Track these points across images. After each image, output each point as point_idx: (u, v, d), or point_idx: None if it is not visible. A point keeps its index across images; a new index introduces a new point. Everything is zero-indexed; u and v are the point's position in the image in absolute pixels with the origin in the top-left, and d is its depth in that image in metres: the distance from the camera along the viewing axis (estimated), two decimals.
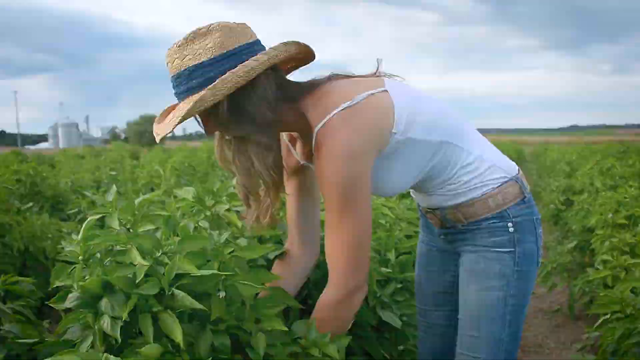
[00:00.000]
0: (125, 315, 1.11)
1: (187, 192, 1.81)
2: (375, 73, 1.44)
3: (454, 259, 1.57)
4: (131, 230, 1.53)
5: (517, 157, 19.21)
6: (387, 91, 1.34)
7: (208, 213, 1.74)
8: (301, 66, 1.42)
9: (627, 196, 3.57)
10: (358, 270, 1.33)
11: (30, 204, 4.24)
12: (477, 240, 1.45)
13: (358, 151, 1.28)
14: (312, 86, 1.36)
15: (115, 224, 1.53)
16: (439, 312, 1.67)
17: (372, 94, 1.32)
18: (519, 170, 1.49)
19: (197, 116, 1.30)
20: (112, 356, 1.05)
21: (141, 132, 77.08)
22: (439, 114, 1.42)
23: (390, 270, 2.09)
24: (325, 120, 1.28)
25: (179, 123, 1.24)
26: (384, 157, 1.36)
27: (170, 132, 1.28)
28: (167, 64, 1.29)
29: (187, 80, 1.24)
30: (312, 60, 1.40)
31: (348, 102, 1.28)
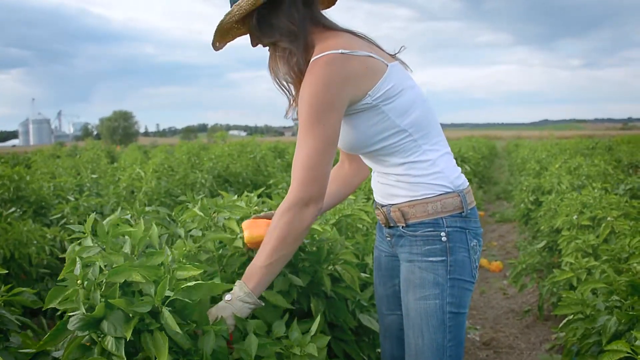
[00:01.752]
0: (128, 335, 1.20)
1: (195, 206, 1.97)
2: (393, 53, 1.63)
3: (399, 265, 1.69)
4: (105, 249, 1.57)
5: (490, 153, 19.51)
6: (387, 65, 1.53)
7: (211, 222, 1.89)
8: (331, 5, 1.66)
9: (591, 197, 3.75)
10: (312, 184, 1.45)
11: (14, 209, 4.28)
12: (413, 249, 1.58)
13: (334, 86, 1.44)
14: (330, 26, 1.57)
15: (89, 243, 1.61)
16: (393, 315, 1.79)
17: (372, 56, 1.51)
18: (468, 186, 1.62)
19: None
20: None
21: (114, 128, 76.12)
22: (419, 109, 1.56)
23: (369, 275, 2.23)
24: (322, 54, 1.46)
25: (227, 21, 1.53)
26: (352, 112, 1.53)
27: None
28: None
29: None
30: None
31: (347, 50, 1.46)
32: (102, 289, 1.30)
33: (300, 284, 1.82)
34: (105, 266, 1.38)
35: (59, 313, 1.45)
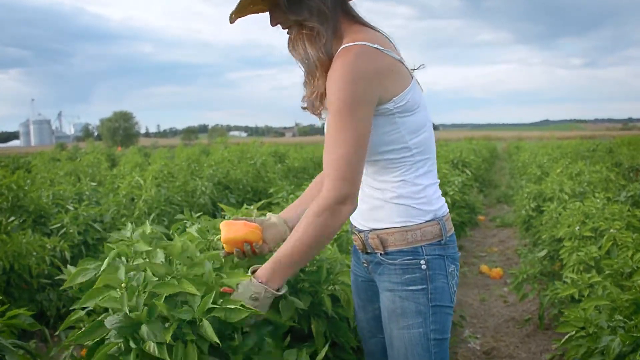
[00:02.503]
0: (168, 339, 1.27)
1: (192, 228, 1.95)
2: (412, 68, 1.60)
3: (377, 292, 1.66)
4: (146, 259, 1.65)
5: (490, 155, 19.51)
6: (412, 77, 1.52)
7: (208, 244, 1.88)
8: None
9: (593, 208, 3.74)
10: (348, 182, 1.40)
11: (13, 218, 4.27)
12: (392, 277, 1.55)
13: (366, 79, 1.40)
14: (360, 21, 1.54)
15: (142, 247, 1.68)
16: (375, 339, 1.77)
17: (402, 62, 1.50)
18: (447, 213, 1.60)
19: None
20: None
21: (114, 129, 76.20)
22: (427, 132, 1.55)
23: None
24: (355, 43, 1.42)
25: None
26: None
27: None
28: None
29: None
30: None
31: (380, 47, 1.43)
32: (146, 296, 1.37)
33: (302, 306, 1.80)
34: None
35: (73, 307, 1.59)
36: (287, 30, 1.53)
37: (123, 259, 1.86)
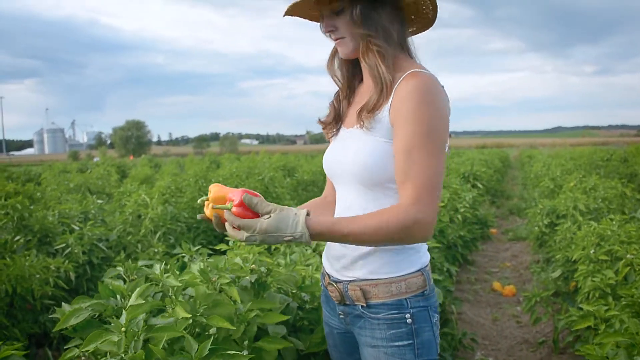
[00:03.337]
0: None
1: (194, 267, 1.87)
2: None
3: (356, 343, 1.56)
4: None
5: (503, 164, 19.35)
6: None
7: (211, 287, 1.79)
8: (419, 32, 1.58)
9: (609, 229, 3.62)
10: (433, 207, 1.31)
11: (18, 237, 4.23)
12: (376, 333, 1.46)
13: (447, 108, 1.38)
14: (415, 59, 1.50)
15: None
16: None
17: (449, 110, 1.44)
18: (428, 260, 1.53)
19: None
20: None
21: (127, 137, 76.89)
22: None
23: None
24: (424, 71, 1.39)
25: None
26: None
27: None
28: None
29: None
30: (430, 26, 1.55)
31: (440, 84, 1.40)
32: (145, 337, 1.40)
33: (302, 347, 1.73)
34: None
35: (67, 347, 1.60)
36: (336, 39, 1.49)
37: (118, 297, 1.81)
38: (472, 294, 5.34)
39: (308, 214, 1.31)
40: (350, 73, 1.61)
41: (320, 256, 2.90)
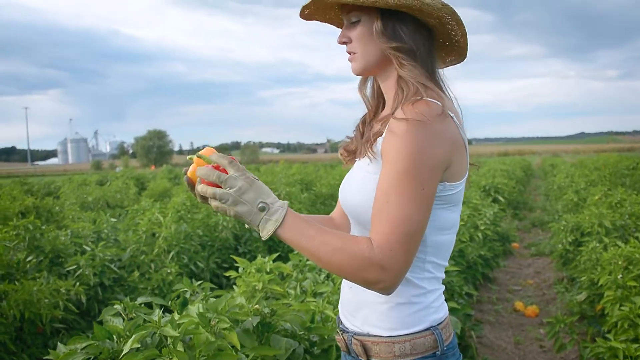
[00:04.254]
0: None
1: (191, 311, 1.76)
2: None
3: None
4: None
5: (525, 174, 19.06)
6: (467, 168, 1.31)
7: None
8: (455, 62, 1.45)
9: (637, 252, 3.45)
10: (402, 254, 1.15)
11: (30, 258, 4.19)
12: None
13: (444, 143, 1.20)
14: (443, 88, 1.34)
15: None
16: None
17: (466, 149, 1.29)
18: (446, 317, 1.35)
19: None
20: None
21: (149, 147, 77.65)
22: (452, 235, 1.33)
23: None
24: (432, 100, 1.23)
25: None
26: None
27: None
28: None
29: None
30: (464, 56, 1.43)
31: (457, 122, 1.26)
32: None
33: None
34: None
35: None
36: (348, 52, 1.37)
37: (115, 337, 1.73)
38: (493, 315, 5.17)
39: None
40: (381, 95, 1.46)
41: (334, 282, 2.79)
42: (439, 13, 1.26)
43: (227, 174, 1.19)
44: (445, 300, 1.39)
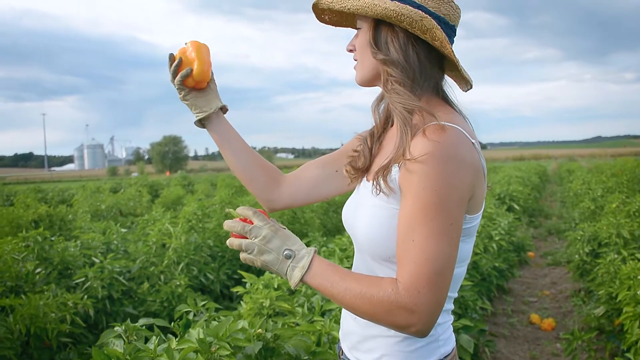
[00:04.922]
0: None
1: (192, 335, 1.70)
2: None
3: None
4: None
5: (540, 179, 18.84)
6: (484, 199, 1.24)
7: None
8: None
9: None
10: (430, 294, 1.07)
11: (39, 270, 4.17)
12: None
13: (470, 174, 1.11)
14: (452, 104, 1.27)
15: None
16: None
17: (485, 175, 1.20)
18: (453, 348, 1.29)
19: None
20: None
21: (164, 153, 78.18)
22: (465, 266, 1.26)
23: None
24: (450, 124, 1.13)
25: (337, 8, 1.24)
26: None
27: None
28: None
29: None
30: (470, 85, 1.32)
31: (478, 148, 1.16)
32: None
33: None
34: None
35: None
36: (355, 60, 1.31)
37: None
38: (508, 328, 5.06)
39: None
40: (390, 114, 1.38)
41: None
42: (419, 25, 1.16)
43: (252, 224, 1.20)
44: (459, 315, 1.33)
